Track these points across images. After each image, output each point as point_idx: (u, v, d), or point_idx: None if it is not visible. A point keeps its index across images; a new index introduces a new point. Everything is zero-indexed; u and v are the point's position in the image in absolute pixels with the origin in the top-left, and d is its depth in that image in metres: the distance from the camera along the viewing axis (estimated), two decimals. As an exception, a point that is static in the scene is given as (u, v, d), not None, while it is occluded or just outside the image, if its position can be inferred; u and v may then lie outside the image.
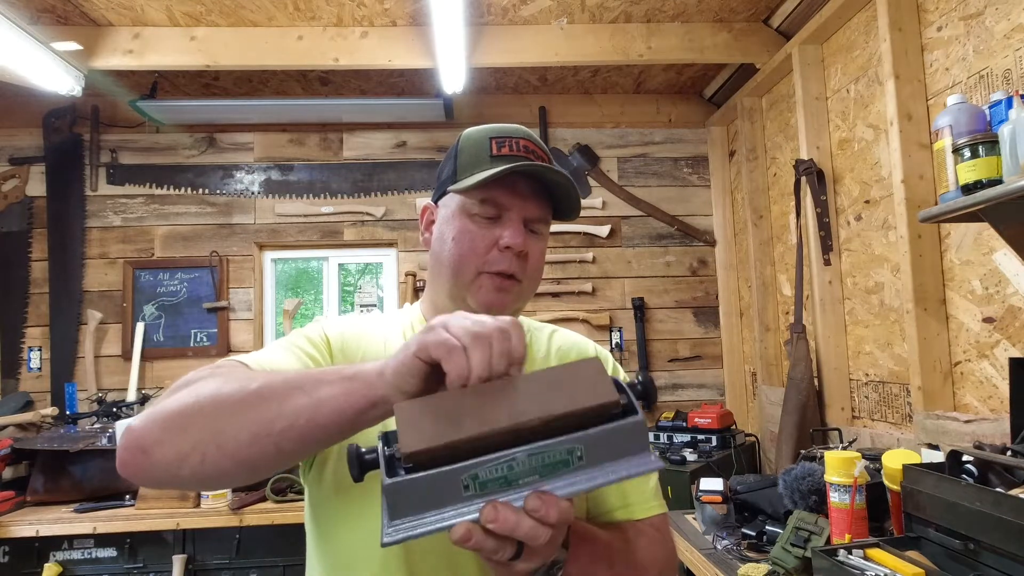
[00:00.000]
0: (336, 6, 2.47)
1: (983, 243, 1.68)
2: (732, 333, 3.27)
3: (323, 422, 0.61)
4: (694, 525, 2.01)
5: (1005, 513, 1.10)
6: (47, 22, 2.48)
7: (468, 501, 0.55)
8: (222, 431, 0.62)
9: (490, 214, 0.85)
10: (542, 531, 0.55)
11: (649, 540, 0.85)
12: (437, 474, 0.54)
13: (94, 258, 3.15)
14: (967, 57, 1.72)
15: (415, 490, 0.54)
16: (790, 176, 2.56)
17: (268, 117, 3.20)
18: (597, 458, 0.57)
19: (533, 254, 0.87)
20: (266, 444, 0.62)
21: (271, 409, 0.62)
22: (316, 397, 0.62)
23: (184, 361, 3.12)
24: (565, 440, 0.56)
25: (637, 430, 0.58)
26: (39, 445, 2.44)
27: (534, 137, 0.90)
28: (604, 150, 3.38)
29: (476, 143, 0.88)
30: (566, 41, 2.65)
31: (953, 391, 1.80)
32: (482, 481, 0.55)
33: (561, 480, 0.56)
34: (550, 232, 0.94)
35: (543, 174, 0.84)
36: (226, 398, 0.64)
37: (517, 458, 0.55)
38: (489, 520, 0.53)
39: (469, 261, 0.84)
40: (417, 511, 0.54)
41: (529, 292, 0.89)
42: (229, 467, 0.63)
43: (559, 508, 0.55)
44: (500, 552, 0.56)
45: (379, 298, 3.46)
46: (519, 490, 0.56)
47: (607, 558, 0.73)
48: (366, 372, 0.62)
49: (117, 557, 2.28)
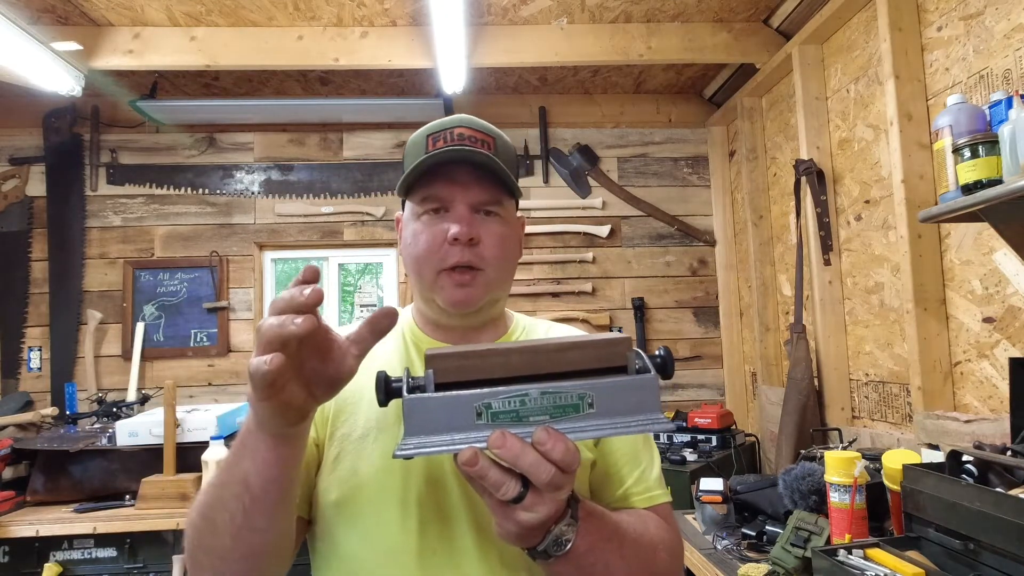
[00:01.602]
0: (336, 6, 2.47)
1: (983, 243, 1.68)
2: (732, 333, 3.27)
3: (255, 493, 0.66)
4: (694, 525, 2.01)
5: (1005, 513, 1.10)
6: (47, 22, 2.48)
7: (480, 429, 0.58)
8: (214, 566, 0.70)
9: (434, 208, 0.84)
10: (545, 467, 0.56)
11: (657, 525, 0.84)
12: (452, 396, 0.58)
13: (94, 258, 3.15)
14: (967, 57, 1.72)
15: (430, 409, 0.58)
16: (790, 176, 2.56)
17: (268, 117, 3.20)
18: (608, 409, 0.59)
19: (488, 237, 0.84)
20: (244, 542, 0.68)
21: (219, 520, 0.68)
22: (232, 484, 0.67)
23: (184, 361, 3.12)
24: (578, 384, 0.59)
25: (649, 387, 0.60)
26: (39, 445, 2.44)
27: (475, 123, 0.87)
28: (604, 150, 3.38)
29: (415, 144, 0.87)
30: (566, 41, 2.65)
31: (953, 391, 1.80)
32: (494, 411, 0.58)
33: (570, 424, 0.58)
34: (549, 231, 0.94)
35: (468, 157, 0.81)
36: (196, 537, 0.72)
37: (530, 394, 0.58)
38: (496, 445, 0.56)
39: (426, 262, 0.84)
40: (431, 431, 0.58)
41: (497, 279, 0.87)
42: (256, 570, 0.70)
43: (564, 445, 0.57)
44: (503, 488, 0.57)
45: (379, 298, 3.46)
46: (529, 427, 0.58)
47: (617, 536, 0.72)
48: (240, 435, 0.67)
49: (117, 557, 2.28)
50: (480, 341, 0.92)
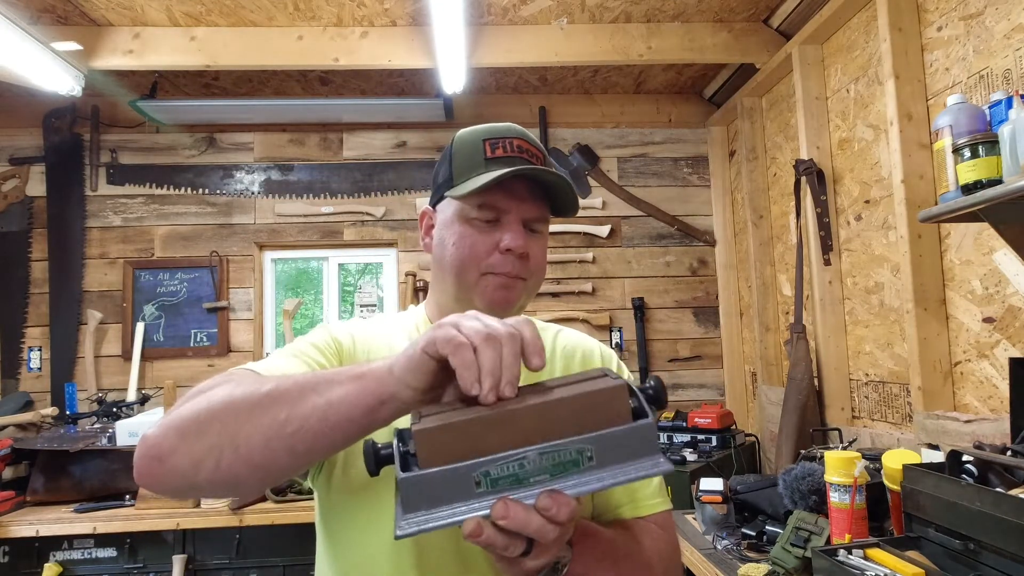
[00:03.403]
0: (336, 6, 2.47)
1: (983, 243, 1.68)
2: (732, 333, 3.27)
3: (335, 421, 0.61)
4: (694, 525, 2.01)
5: (1005, 513, 1.10)
6: (47, 22, 2.48)
7: (480, 498, 0.56)
8: (236, 435, 0.62)
9: (489, 218, 0.85)
10: (551, 529, 0.56)
11: (653, 537, 0.85)
12: (450, 470, 0.56)
13: (94, 258, 3.15)
14: (967, 57, 1.72)
15: (428, 485, 0.56)
16: (790, 176, 2.56)
17: (268, 117, 3.20)
18: (607, 459, 0.58)
19: (534, 253, 0.87)
20: (279, 447, 0.62)
21: (283, 411, 0.62)
22: (327, 397, 0.62)
23: (184, 361, 3.12)
24: (576, 440, 0.57)
25: (647, 433, 0.59)
26: (39, 445, 2.44)
27: (527, 135, 0.89)
28: (604, 150, 3.38)
29: (470, 145, 0.88)
30: (566, 41, 2.64)
31: (953, 391, 1.79)
32: (493, 478, 0.56)
33: (571, 479, 0.57)
34: (549, 231, 0.95)
35: (539, 176, 0.84)
36: (239, 403, 0.64)
37: (528, 456, 0.57)
38: (500, 516, 0.55)
39: (471, 265, 0.85)
40: (430, 506, 0.56)
41: (534, 288, 0.90)
42: (244, 472, 0.63)
43: (569, 508, 0.56)
44: (510, 548, 0.57)
45: (379, 298, 3.46)
46: (529, 488, 0.57)
47: (612, 555, 0.73)
48: (375, 370, 0.62)
49: (117, 557, 2.28)
50: None
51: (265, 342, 3.27)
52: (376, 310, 3.39)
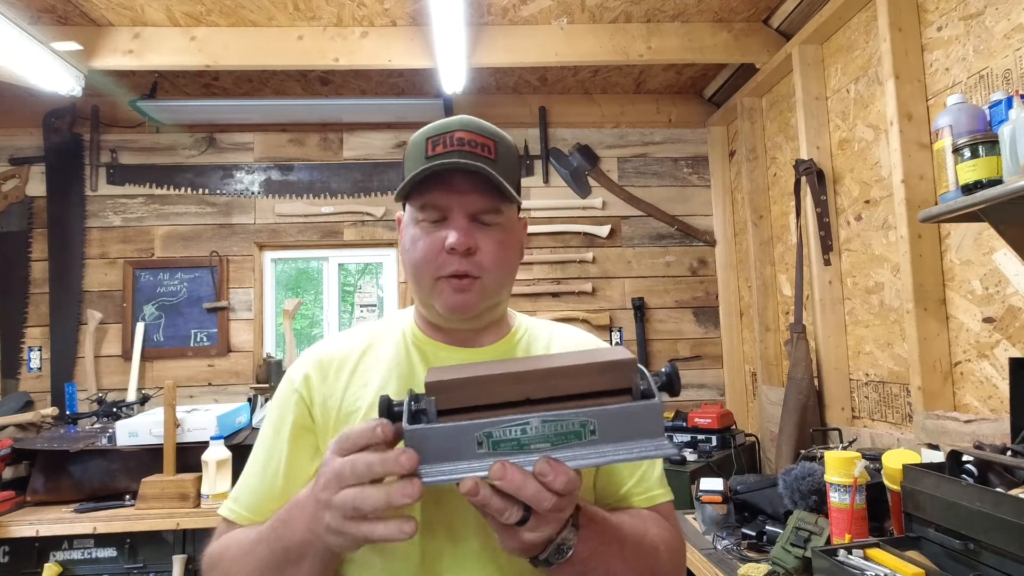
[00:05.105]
0: (336, 6, 2.47)
1: (983, 243, 1.68)
2: (732, 333, 3.27)
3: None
4: (694, 525, 2.01)
5: (1005, 513, 1.10)
6: (47, 22, 2.48)
7: (480, 458, 0.58)
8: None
9: (434, 218, 0.83)
10: (547, 496, 0.56)
11: (659, 526, 0.85)
12: (453, 427, 0.58)
13: (94, 258, 3.15)
14: (967, 57, 1.72)
15: (432, 439, 0.58)
16: (790, 176, 2.56)
17: (268, 117, 3.20)
18: (610, 435, 0.58)
19: (485, 247, 0.82)
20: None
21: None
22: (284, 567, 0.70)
23: (184, 361, 3.12)
24: (580, 412, 0.58)
25: (652, 412, 0.59)
26: (39, 445, 2.44)
27: (475, 125, 0.84)
28: (604, 150, 3.38)
29: (416, 146, 0.85)
30: (566, 41, 2.64)
31: (953, 391, 1.79)
32: (495, 440, 0.58)
33: (572, 451, 0.58)
34: (549, 231, 0.94)
35: (464, 168, 0.79)
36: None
37: (531, 423, 0.58)
38: (496, 477, 0.56)
39: (424, 269, 0.83)
40: (432, 461, 0.58)
41: (495, 285, 0.85)
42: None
43: (567, 476, 0.56)
44: (506, 514, 0.58)
45: (379, 298, 3.46)
46: (529, 455, 0.58)
47: (618, 540, 0.72)
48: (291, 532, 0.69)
49: (117, 557, 2.28)
50: (481, 343, 0.91)
51: (265, 342, 3.28)
52: (376, 310, 3.40)
